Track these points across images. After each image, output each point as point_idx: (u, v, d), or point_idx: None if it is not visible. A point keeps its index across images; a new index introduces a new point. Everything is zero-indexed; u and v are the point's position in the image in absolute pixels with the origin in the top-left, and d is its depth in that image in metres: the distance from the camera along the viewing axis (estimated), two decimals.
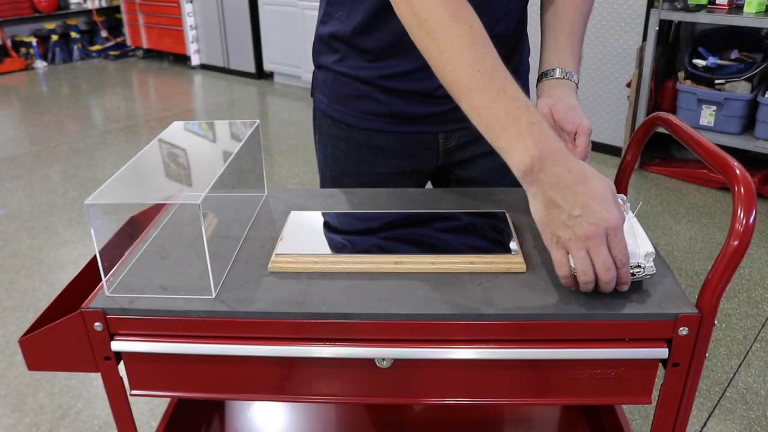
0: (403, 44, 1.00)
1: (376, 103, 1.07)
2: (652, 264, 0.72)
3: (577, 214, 0.66)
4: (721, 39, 3.20)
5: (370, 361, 0.74)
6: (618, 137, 3.59)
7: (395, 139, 1.10)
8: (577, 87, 0.96)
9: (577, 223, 0.66)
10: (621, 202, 0.72)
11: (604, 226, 0.65)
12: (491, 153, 1.11)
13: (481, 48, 0.71)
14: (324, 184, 1.18)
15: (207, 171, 0.81)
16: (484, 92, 0.71)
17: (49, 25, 6.27)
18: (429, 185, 1.22)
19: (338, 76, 1.08)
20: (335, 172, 1.15)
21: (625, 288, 0.71)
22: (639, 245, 0.71)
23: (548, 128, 0.70)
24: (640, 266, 0.71)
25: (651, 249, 0.72)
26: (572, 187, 0.67)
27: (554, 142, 0.69)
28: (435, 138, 1.10)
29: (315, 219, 0.92)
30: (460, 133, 1.10)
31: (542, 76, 0.98)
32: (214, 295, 0.75)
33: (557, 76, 0.95)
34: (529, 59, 1.16)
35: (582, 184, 0.67)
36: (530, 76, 1.17)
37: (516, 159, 0.70)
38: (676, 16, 3.09)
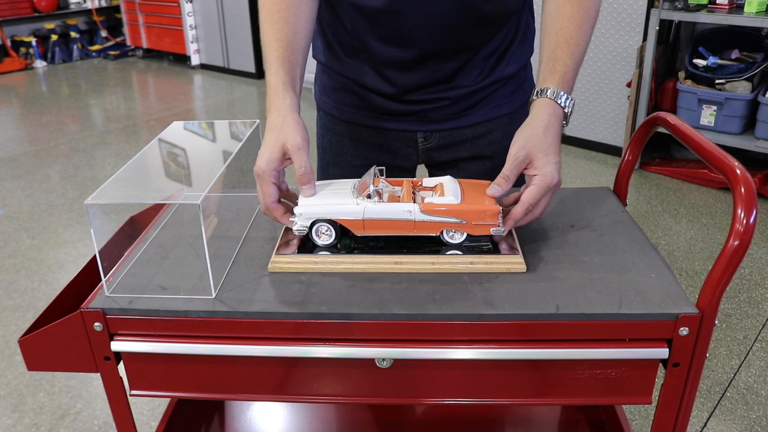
0: (363, 46, 1.02)
1: (356, 97, 1.10)
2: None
3: None
4: (721, 39, 3.20)
5: (370, 361, 0.74)
6: (618, 137, 3.59)
7: (375, 133, 1.11)
8: (563, 98, 0.85)
9: None
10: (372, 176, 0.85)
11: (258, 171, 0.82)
12: (474, 158, 1.12)
13: (272, 39, 0.90)
14: (317, 174, 1.21)
15: (207, 171, 0.81)
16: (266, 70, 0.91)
17: (49, 25, 6.27)
18: None
19: (325, 68, 1.13)
20: (323, 162, 1.19)
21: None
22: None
23: (276, 110, 0.85)
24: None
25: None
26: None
27: (275, 118, 0.85)
28: (413, 137, 1.10)
29: None
30: (440, 134, 1.10)
31: None
32: (214, 295, 0.75)
33: (532, 98, 0.88)
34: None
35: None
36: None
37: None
38: (677, 16, 3.09)
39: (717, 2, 3.06)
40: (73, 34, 6.36)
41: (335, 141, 1.16)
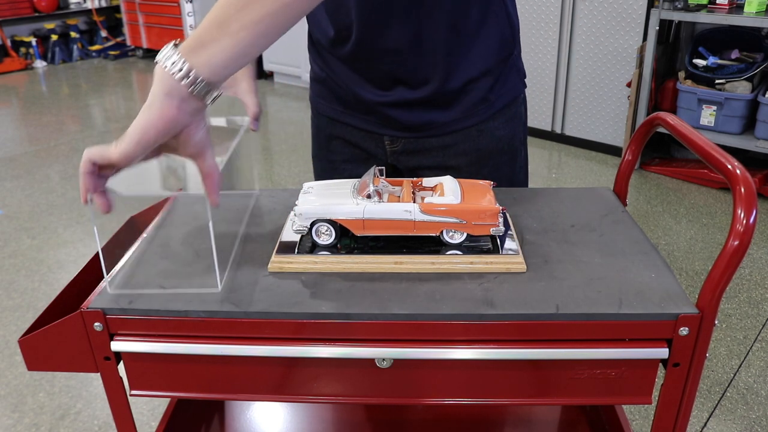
0: (323, 46, 1.04)
1: (325, 89, 1.12)
2: None
3: None
4: (721, 39, 3.20)
5: (370, 361, 0.74)
6: (618, 137, 3.59)
7: (346, 130, 1.13)
8: (168, 60, 0.68)
9: None
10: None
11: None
12: (440, 168, 1.09)
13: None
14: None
15: None
16: None
17: (49, 25, 6.27)
18: None
19: (312, 61, 1.14)
20: (312, 156, 1.23)
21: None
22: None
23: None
24: None
25: None
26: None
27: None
28: (381, 139, 1.10)
29: None
30: (405, 140, 1.09)
31: None
32: (219, 288, 0.75)
33: None
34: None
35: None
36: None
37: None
38: (677, 16, 3.10)
39: (717, 2, 3.06)
40: (73, 34, 6.36)
41: (315, 134, 1.19)
